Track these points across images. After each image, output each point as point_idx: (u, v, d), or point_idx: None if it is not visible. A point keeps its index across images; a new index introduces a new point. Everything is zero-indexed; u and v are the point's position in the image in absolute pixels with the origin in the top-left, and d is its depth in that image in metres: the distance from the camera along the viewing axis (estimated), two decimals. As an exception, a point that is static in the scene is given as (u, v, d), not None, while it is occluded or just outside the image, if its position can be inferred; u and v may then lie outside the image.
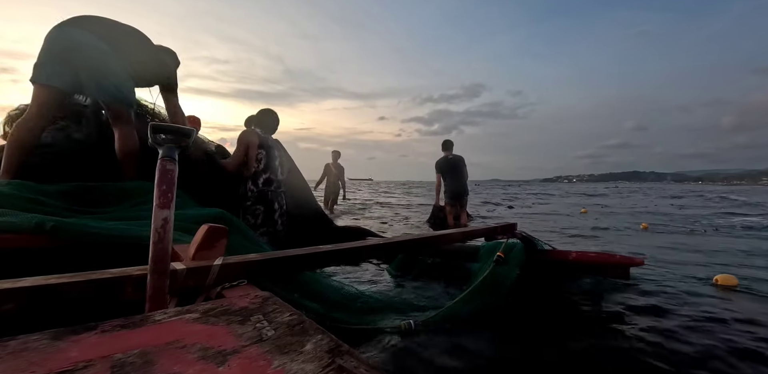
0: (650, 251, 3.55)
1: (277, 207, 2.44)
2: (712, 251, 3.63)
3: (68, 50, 1.62)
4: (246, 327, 0.54)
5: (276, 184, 2.46)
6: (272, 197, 2.42)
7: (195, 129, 0.84)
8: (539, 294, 2.16)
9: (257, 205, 2.38)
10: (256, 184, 2.40)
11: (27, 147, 1.62)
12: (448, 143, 4.99)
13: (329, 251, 1.23)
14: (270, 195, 2.42)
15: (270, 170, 2.43)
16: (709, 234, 5.05)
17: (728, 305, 1.92)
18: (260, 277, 1.01)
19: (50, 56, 1.62)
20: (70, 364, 0.41)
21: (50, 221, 1.06)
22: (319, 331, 0.53)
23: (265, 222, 2.38)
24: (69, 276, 0.73)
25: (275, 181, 2.45)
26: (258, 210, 2.38)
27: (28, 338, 0.46)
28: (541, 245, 2.21)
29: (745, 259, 3.21)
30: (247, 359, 0.44)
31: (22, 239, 1.04)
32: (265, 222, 2.39)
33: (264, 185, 2.41)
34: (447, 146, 4.97)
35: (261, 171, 2.41)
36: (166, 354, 0.44)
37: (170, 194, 0.73)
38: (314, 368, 0.43)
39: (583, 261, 2.01)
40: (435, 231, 2.36)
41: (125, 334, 0.49)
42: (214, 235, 0.93)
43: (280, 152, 2.54)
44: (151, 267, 0.71)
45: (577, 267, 2.09)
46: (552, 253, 2.15)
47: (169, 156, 0.76)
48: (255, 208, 2.38)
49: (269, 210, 2.40)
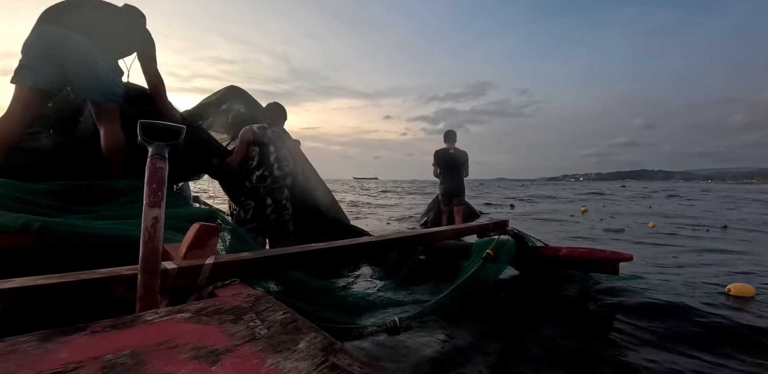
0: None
1: (270, 202, 2.45)
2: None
3: (51, 51, 1.59)
4: (239, 326, 0.54)
5: (271, 179, 2.47)
6: (264, 193, 2.44)
7: (184, 126, 0.82)
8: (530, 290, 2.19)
9: (248, 200, 2.43)
10: (250, 180, 2.45)
11: (9, 146, 1.59)
12: (451, 134, 4.44)
13: (321, 249, 1.22)
14: (262, 190, 2.44)
15: (264, 166, 2.45)
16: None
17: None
18: (253, 276, 1.01)
19: (33, 58, 1.59)
20: (60, 366, 0.40)
21: (37, 221, 1.04)
22: (313, 329, 0.53)
23: (254, 217, 2.42)
24: (58, 277, 0.72)
25: (269, 177, 2.46)
26: (248, 206, 2.43)
27: (16, 340, 0.45)
28: (532, 241, 2.23)
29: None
30: (240, 358, 0.44)
31: (9, 239, 1.02)
32: (255, 217, 2.42)
33: (258, 181, 2.44)
34: (449, 137, 4.43)
35: (254, 167, 2.45)
36: (158, 355, 0.44)
37: (160, 192, 0.72)
38: (308, 366, 0.43)
39: (574, 257, 2.04)
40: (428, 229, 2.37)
41: (116, 335, 0.49)
42: (206, 234, 0.92)
43: (278, 147, 2.53)
44: (142, 267, 0.70)
45: (568, 263, 2.12)
46: (543, 249, 2.17)
47: (159, 154, 0.76)
48: (246, 203, 2.43)
49: (260, 205, 2.43)
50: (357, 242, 1.39)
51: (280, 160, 2.52)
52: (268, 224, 2.46)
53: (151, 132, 0.77)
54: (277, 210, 2.48)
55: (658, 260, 3.12)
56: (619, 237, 4.61)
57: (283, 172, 2.55)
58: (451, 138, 4.44)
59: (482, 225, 2.18)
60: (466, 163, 4.49)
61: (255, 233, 2.40)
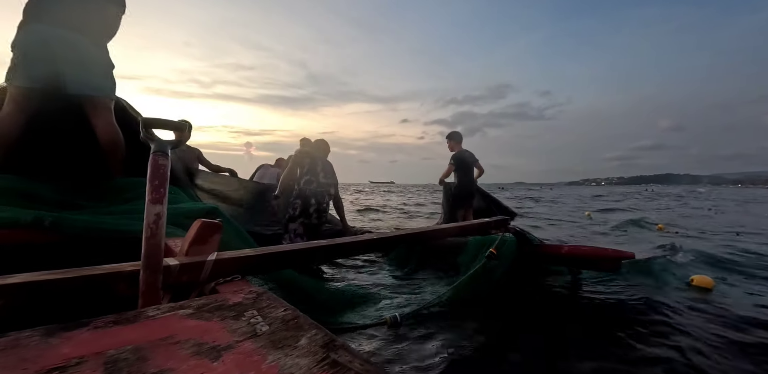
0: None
1: (313, 202, 2.89)
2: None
3: (45, 51, 1.59)
4: (240, 322, 0.54)
5: (316, 184, 2.95)
6: (309, 194, 2.91)
7: (187, 123, 0.82)
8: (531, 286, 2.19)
9: (296, 200, 2.90)
10: (299, 183, 2.97)
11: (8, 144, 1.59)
12: (460, 135, 4.36)
13: (324, 246, 1.22)
14: (308, 192, 2.91)
15: (311, 173, 2.98)
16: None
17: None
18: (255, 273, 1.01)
19: (29, 58, 1.59)
20: (63, 361, 0.40)
21: (48, 216, 1.05)
22: (314, 326, 0.53)
23: (301, 213, 2.88)
24: (60, 273, 0.73)
25: (315, 182, 2.96)
26: (296, 204, 2.89)
27: (19, 335, 0.45)
28: (534, 239, 2.23)
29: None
30: (242, 354, 0.44)
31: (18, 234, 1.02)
32: (302, 213, 2.88)
33: (305, 184, 2.94)
34: (459, 138, 4.33)
35: (304, 173, 2.99)
36: (160, 350, 0.44)
37: (163, 189, 0.73)
38: (309, 363, 0.43)
39: (576, 255, 2.03)
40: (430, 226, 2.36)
41: (118, 330, 0.49)
42: (208, 230, 0.92)
43: (326, 164, 3.10)
44: (144, 263, 0.70)
45: (570, 261, 2.11)
46: (545, 247, 2.17)
47: (162, 150, 0.76)
48: (294, 202, 2.91)
49: (306, 204, 2.88)
50: (359, 239, 1.39)
51: (326, 171, 3.05)
52: (310, 221, 2.88)
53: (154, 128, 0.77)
54: (318, 210, 2.91)
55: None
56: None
57: (328, 181, 3.02)
58: (461, 139, 4.34)
59: (484, 223, 2.17)
60: (477, 160, 4.34)
61: (301, 228, 2.85)
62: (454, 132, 4.42)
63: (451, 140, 4.36)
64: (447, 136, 4.46)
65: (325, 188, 3.00)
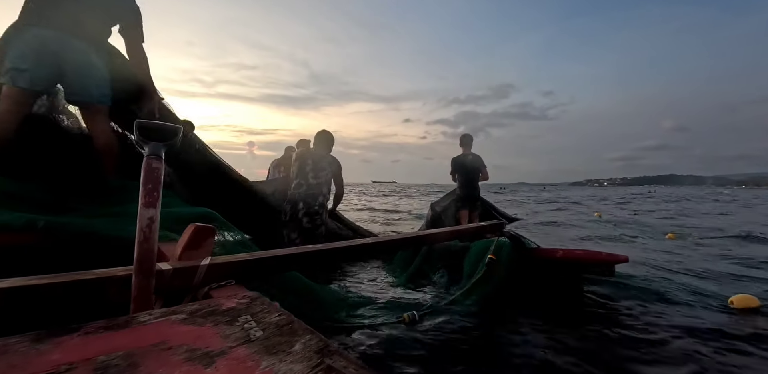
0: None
1: (301, 206, 2.86)
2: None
3: (47, 55, 1.58)
4: (234, 327, 0.53)
5: (306, 187, 2.92)
6: (297, 198, 2.89)
7: (181, 126, 0.82)
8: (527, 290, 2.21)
9: (286, 205, 2.90)
10: (290, 188, 2.97)
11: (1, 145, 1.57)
12: (467, 138, 4.39)
13: (318, 251, 1.22)
14: (296, 196, 2.89)
15: (300, 176, 2.96)
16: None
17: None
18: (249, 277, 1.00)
19: (29, 60, 1.57)
20: (52, 367, 0.40)
21: (41, 219, 1.03)
22: (308, 331, 0.53)
23: (291, 218, 2.87)
24: (50, 277, 0.71)
25: (305, 185, 2.92)
26: (285, 210, 2.89)
27: (7, 341, 0.45)
28: (528, 243, 2.24)
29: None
30: (235, 360, 0.44)
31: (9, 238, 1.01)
32: (291, 218, 2.87)
33: (294, 189, 2.93)
34: (467, 142, 4.37)
35: (294, 178, 2.99)
36: (152, 356, 0.43)
37: (156, 193, 0.72)
38: (303, 368, 0.43)
39: (570, 259, 2.04)
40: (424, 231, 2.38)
41: (109, 336, 0.48)
42: (201, 234, 0.92)
43: (317, 160, 3.02)
44: (136, 268, 0.69)
45: (564, 265, 2.12)
46: (540, 251, 2.18)
47: (155, 154, 0.75)
48: (284, 208, 2.91)
49: (293, 208, 2.87)
50: (354, 244, 1.38)
51: (316, 170, 2.97)
52: (302, 226, 2.84)
53: (147, 132, 0.77)
54: (309, 213, 2.85)
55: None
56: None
57: (318, 181, 2.96)
58: (468, 142, 4.37)
59: (479, 227, 2.18)
60: (483, 166, 4.33)
61: (294, 233, 2.82)
62: (463, 135, 4.48)
63: (460, 142, 4.48)
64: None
65: (315, 189, 2.95)
